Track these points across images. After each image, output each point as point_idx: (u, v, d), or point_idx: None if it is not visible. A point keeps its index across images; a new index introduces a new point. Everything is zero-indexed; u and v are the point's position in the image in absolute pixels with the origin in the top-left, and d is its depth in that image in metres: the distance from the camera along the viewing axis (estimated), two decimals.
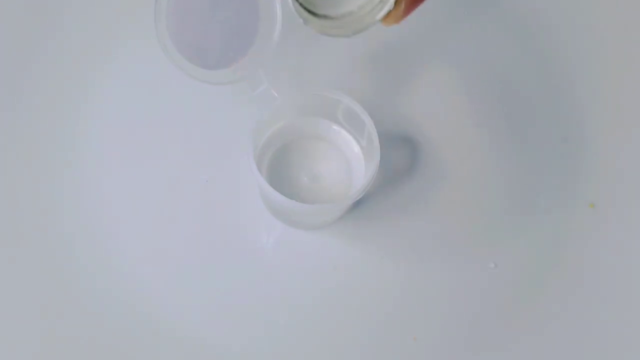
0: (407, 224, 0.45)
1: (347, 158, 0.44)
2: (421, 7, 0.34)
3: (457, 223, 0.45)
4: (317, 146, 0.44)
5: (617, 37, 0.49)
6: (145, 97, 0.47)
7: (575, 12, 0.50)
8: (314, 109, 0.43)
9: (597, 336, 0.43)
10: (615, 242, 0.45)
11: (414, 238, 0.45)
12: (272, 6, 0.40)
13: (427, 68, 0.48)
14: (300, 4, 0.32)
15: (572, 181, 0.46)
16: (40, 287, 0.43)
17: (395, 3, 0.31)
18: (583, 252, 0.45)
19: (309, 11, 0.32)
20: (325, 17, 0.32)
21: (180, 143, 0.46)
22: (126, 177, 0.45)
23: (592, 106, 0.48)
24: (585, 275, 0.44)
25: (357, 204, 0.45)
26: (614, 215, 0.45)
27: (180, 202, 0.45)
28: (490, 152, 0.47)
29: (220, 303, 0.43)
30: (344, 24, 0.32)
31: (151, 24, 0.40)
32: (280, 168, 0.44)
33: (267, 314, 0.43)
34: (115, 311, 0.43)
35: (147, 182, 0.45)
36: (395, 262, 0.44)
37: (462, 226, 0.45)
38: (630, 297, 0.44)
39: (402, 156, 0.46)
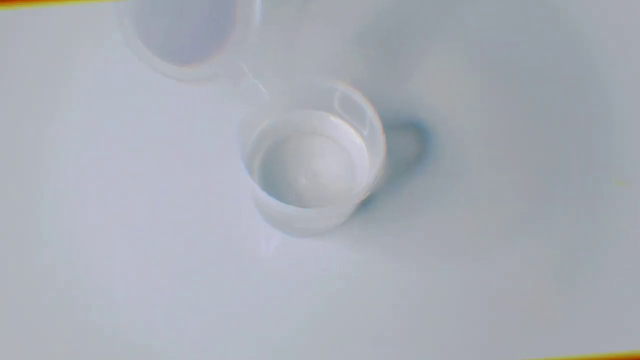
0: (420, 225, 0.44)
1: (349, 152, 0.43)
2: None
3: (476, 221, 0.45)
4: (314, 141, 0.44)
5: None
6: (135, 101, 0.46)
7: None
8: (306, 100, 0.42)
9: (598, 336, 0.43)
10: (627, 247, 0.44)
11: (429, 241, 0.44)
12: None
13: (432, 44, 0.47)
14: None
15: (598, 170, 0.45)
16: (30, 295, 0.43)
17: None
18: (607, 248, 0.44)
19: None
20: None
21: (174, 149, 0.45)
22: (117, 183, 0.45)
23: (617, 82, 0.47)
24: (596, 277, 0.44)
25: (363, 205, 0.44)
26: (627, 216, 0.44)
27: (175, 210, 0.44)
28: (506, 135, 0.46)
29: (217, 314, 0.43)
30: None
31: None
32: (274, 169, 0.43)
33: (266, 327, 0.43)
34: (108, 320, 0.43)
35: (140, 190, 0.45)
36: (408, 269, 0.44)
37: (482, 225, 0.44)
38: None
39: (410, 145, 0.45)
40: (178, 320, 0.43)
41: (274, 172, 0.43)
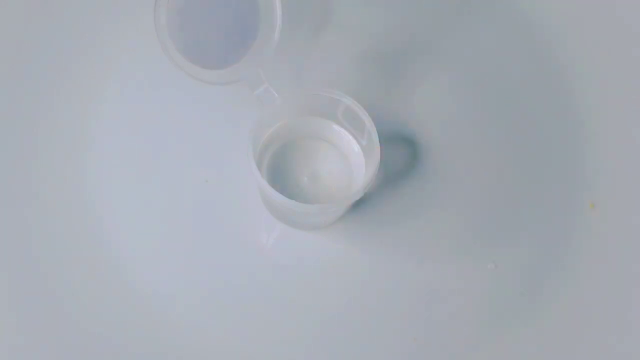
0: (407, 224, 0.45)
1: (347, 158, 0.44)
2: (423, 6, 0.34)
3: (457, 223, 0.45)
4: (317, 146, 0.44)
5: (617, 37, 0.49)
6: (145, 97, 0.47)
7: (576, 11, 0.49)
8: (314, 109, 0.43)
9: (596, 336, 0.43)
10: (615, 242, 0.45)
11: (414, 238, 0.45)
12: (273, 6, 0.40)
13: (428, 68, 0.48)
14: None
15: (572, 181, 0.46)
16: (42, 281, 0.43)
17: None
18: (583, 252, 0.45)
19: None
20: None
21: (180, 143, 0.46)
22: (126, 176, 0.45)
23: (592, 106, 0.47)
24: (585, 275, 0.44)
25: (357, 204, 0.45)
26: (614, 215, 0.45)
27: (180, 202, 0.45)
28: (490, 152, 0.46)
29: (220, 303, 0.43)
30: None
31: (151, 24, 0.41)
32: (280, 168, 0.44)
33: (266, 314, 0.43)
34: (114, 310, 0.43)
35: (147, 182, 0.45)
36: (395, 262, 0.44)
37: (461, 226, 0.45)
38: (630, 297, 0.44)
39: (402, 156, 0.46)
40: (184, 300, 0.43)
41: (280, 171, 0.44)
